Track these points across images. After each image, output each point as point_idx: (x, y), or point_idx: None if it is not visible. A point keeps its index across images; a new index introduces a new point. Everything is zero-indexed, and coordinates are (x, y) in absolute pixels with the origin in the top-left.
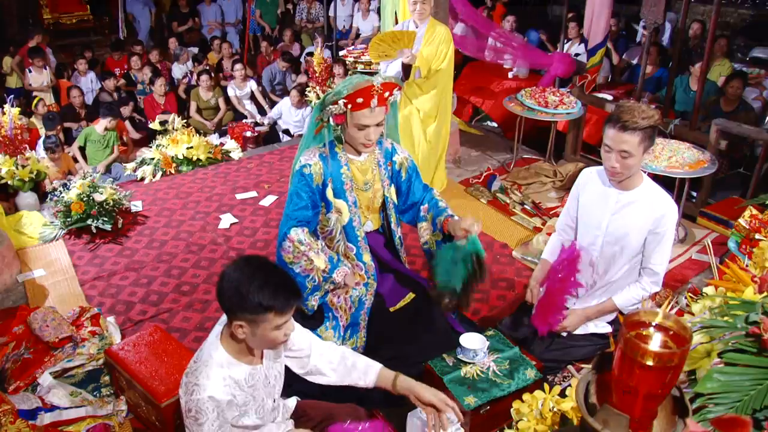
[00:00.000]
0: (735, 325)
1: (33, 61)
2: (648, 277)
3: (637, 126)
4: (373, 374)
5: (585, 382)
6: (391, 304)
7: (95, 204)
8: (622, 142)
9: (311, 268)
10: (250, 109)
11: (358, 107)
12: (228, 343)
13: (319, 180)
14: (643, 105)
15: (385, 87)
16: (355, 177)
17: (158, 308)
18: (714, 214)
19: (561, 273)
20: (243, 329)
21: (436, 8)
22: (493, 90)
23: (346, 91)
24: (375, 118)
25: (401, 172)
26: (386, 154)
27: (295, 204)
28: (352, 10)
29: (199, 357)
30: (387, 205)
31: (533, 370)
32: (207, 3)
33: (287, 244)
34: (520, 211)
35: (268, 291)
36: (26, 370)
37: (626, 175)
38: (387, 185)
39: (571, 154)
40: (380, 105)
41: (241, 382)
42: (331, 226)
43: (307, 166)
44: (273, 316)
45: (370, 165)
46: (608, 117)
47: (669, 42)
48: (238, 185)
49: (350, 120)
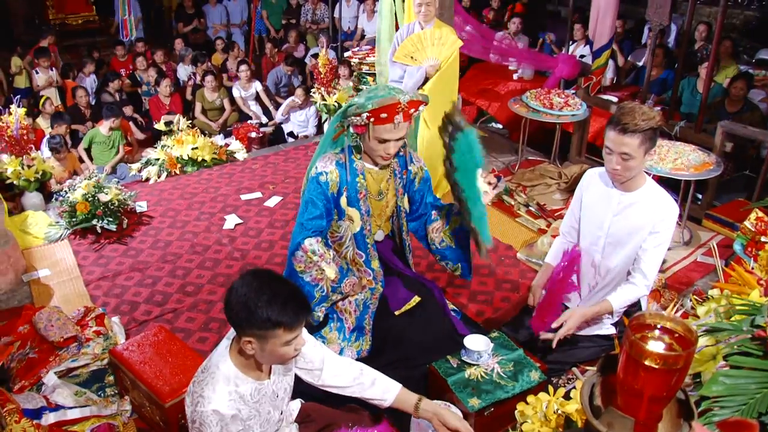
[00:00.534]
0: (740, 328)
1: (39, 61)
2: (640, 274)
3: (637, 128)
4: (391, 395)
5: (590, 384)
6: (396, 308)
7: (100, 204)
8: (623, 144)
9: (321, 278)
10: (255, 110)
11: (381, 122)
12: (236, 357)
13: (335, 188)
14: (644, 107)
15: (411, 104)
16: (370, 186)
17: (163, 308)
18: (719, 216)
19: (560, 275)
20: (252, 345)
21: (441, 9)
22: (498, 91)
23: (371, 105)
24: (397, 133)
25: (415, 182)
26: (401, 162)
27: (310, 213)
28: (357, 11)
29: (207, 367)
30: (399, 213)
31: (537, 372)
32: (212, 4)
33: (300, 254)
34: (525, 213)
35: (277, 306)
36: (31, 369)
37: (628, 176)
38: (401, 195)
39: (576, 156)
40: (405, 121)
41: (247, 397)
42: (341, 233)
43: (324, 173)
44: (282, 331)
45: (385, 175)
46: (609, 119)
47: (675, 44)
48: (242, 186)
49: (371, 132)
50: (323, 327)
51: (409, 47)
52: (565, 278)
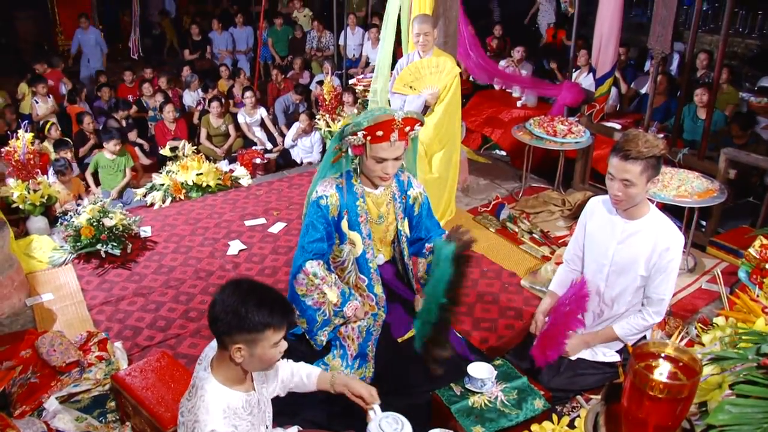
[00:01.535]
0: (746, 356)
1: (36, 88)
2: (651, 306)
3: (640, 155)
4: (313, 378)
5: (594, 413)
6: (399, 335)
7: (105, 229)
8: (625, 171)
9: (323, 302)
10: (260, 136)
11: (377, 140)
12: (220, 373)
13: (335, 212)
14: (648, 135)
15: (406, 122)
16: (370, 210)
17: (165, 334)
18: (724, 243)
19: (567, 307)
20: (241, 352)
21: (446, 37)
22: (502, 119)
23: (366, 122)
24: (394, 152)
25: (414, 207)
26: (401, 187)
27: (311, 236)
28: (362, 38)
29: (192, 395)
30: (400, 238)
31: (541, 400)
32: (218, 31)
33: (301, 277)
34: (529, 240)
35: (266, 309)
36: (32, 394)
37: (629, 203)
38: (401, 219)
39: (579, 183)
40: (401, 139)
41: (239, 411)
42: (343, 257)
43: (324, 197)
44: (272, 332)
45: (385, 199)
46: (614, 145)
47: (677, 71)
48: (247, 212)
49: (368, 152)
50: (326, 354)
51: (407, 77)
52: (572, 313)
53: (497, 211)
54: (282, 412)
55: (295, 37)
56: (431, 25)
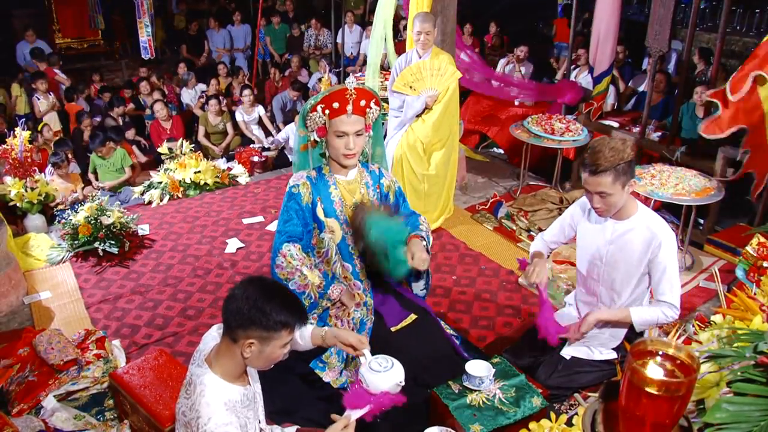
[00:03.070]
0: (743, 354)
1: (36, 85)
2: (667, 308)
3: (608, 166)
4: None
5: (592, 410)
6: (393, 324)
7: (102, 227)
8: (598, 184)
9: (306, 284)
10: (258, 134)
11: (335, 113)
12: (218, 367)
13: (308, 199)
14: (613, 141)
15: (360, 93)
16: (344, 196)
17: (163, 332)
18: (721, 241)
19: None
20: (252, 347)
21: (443, 36)
22: (500, 117)
23: (321, 96)
24: (353, 126)
25: (389, 195)
26: (374, 177)
27: (284, 220)
28: (359, 36)
29: (190, 392)
30: None
31: (539, 398)
32: (216, 29)
33: (280, 260)
34: (527, 238)
35: (288, 310)
36: (30, 392)
37: (612, 211)
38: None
39: (577, 181)
40: (356, 113)
41: (238, 405)
42: (326, 247)
43: (296, 186)
44: (286, 333)
45: (357, 186)
46: (582, 161)
47: (675, 70)
48: (244, 210)
49: (330, 128)
50: (323, 352)
51: (408, 77)
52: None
53: (495, 209)
54: (281, 410)
55: (292, 35)
56: (432, 24)
